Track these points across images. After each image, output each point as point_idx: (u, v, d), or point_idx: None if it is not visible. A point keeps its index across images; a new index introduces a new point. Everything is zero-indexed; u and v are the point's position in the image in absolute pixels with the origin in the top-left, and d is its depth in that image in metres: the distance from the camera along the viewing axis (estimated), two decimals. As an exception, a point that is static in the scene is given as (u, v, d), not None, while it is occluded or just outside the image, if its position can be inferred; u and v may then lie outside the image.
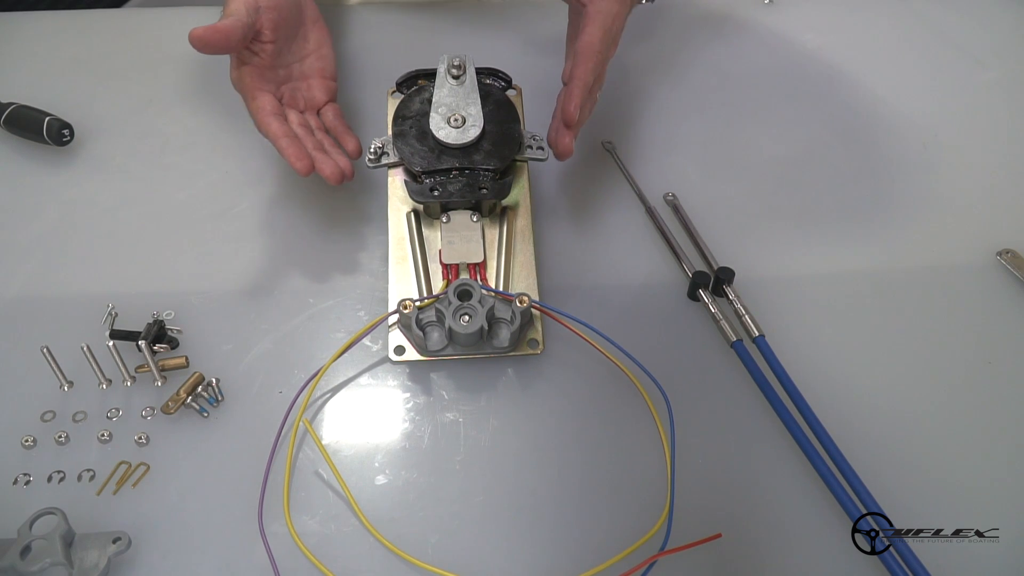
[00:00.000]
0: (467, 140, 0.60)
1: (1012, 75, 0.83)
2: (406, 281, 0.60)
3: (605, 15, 0.62)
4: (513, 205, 0.63)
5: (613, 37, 0.64)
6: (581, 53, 0.61)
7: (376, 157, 0.62)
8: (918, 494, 0.54)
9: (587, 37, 0.62)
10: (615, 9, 0.63)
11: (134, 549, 0.50)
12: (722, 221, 0.69)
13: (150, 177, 0.72)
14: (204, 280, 0.64)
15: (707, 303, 0.62)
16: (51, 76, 0.79)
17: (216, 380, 0.58)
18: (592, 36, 0.62)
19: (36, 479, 0.54)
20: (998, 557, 0.52)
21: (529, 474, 0.55)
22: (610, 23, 0.63)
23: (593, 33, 0.62)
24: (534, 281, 0.61)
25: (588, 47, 0.61)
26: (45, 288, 0.64)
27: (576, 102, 0.60)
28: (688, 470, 0.55)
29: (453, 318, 0.56)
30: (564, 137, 0.61)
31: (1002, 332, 0.63)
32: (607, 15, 0.62)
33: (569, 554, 0.52)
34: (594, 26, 0.62)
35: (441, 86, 0.61)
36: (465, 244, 0.60)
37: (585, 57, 0.61)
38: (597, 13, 0.62)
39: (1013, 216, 0.70)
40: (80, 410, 0.57)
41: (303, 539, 0.51)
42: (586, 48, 0.61)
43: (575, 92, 0.60)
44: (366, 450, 0.56)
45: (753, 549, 0.52)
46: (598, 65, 0.62)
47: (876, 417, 0.58)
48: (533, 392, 0.59)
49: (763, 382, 0.58)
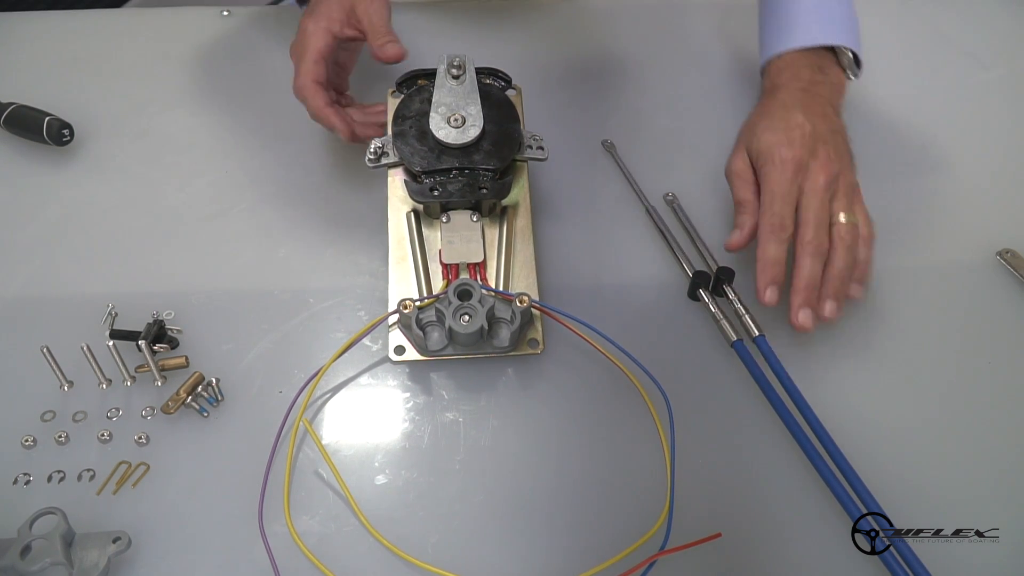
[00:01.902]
0: (467, 140, 0.60)
1: (1012, 75, 0.83)
2: (406, 281, 0.60)
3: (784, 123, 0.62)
4: (513, 205, 0.63)
5: (801, 146, 0.61)
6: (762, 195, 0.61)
7: (376, 157, 0.62)
8: (918, 494, 0.54)
9: (763, 180, 0.61)
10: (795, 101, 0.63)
11: (134, 549, 0.50)
12: (722, 221, 0.69)
13: (150, 177, 0.72)
14: (204, 280, 0.64)
15: (707, 303, 0.62)
16: (51, 76, 0.79)
17: (216, 380, 0.58)
18: (767, 178, 0.60)
19: (36, 479, 0.54)
20: (998, 557, 0.52)
21: (529, 474, 0.55)
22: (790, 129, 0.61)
23: (770, 175, 0.60)
24: (534, 281, 0.61)
25: (765, 192, 0.60)
26: (45, 288, 0.64)
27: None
28: (688, 470, 0.55)
29: (453, 318, 0.56)
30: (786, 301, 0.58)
31: (1002, 332, 0.63)
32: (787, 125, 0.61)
33: (569, 554, 0.52)
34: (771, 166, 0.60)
35: (441, 86, 0.61)
36: (465, 244, 0.60)
37: (765, 199, 0.60)
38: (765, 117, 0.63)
39: (1013, 216, 0.70)
40: (80, 410, 0.57)
41: (303, 539, 0.51)
42: (764, 193, 0.60)
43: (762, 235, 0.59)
44: (366, 450, 0.56)
45: (753, 549, 0.52)
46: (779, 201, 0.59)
47: (876, 417, 0.58)
48: (533, 392, 0.59)
49: (763, 382, 0.58)
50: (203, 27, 0.84)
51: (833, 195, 0.60)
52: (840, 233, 0.59)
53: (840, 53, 0.69)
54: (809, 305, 0.57)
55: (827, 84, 0.67)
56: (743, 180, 0.63)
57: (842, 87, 0.68)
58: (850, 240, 0.59)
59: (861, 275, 0.60)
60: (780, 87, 0.67)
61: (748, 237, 0.61)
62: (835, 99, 0.67)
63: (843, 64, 0.69)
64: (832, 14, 0.69)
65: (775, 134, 0.62)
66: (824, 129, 0.62)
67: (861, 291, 0.60)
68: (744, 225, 0.61)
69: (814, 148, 0.61)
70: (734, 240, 0.61)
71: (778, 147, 0.61)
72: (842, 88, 0.68)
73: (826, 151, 0.61)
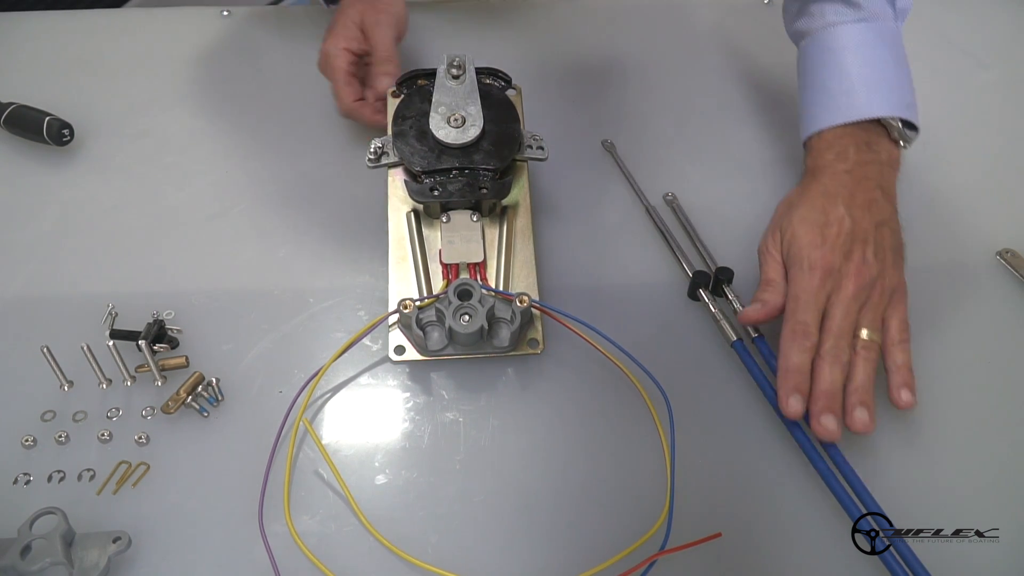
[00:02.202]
0: (467, 140, 0.60)
1: (1012, 75, 0.83)
2: (406, 281, 0.60)
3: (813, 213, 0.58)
4: (513, 205, 0.63)
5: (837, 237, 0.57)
6: (787, 296, 0.57)
7: (376, 157, 0.62)
8: (918, 494, 0.54)
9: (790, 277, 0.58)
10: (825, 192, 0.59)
11: (134, 549, 0.50)
12: (722, 221, 0.69)
13: (150, 177, 0.72)
14: (204, 280, 0.64)
15: (707, 302, 0.62)
16: (51, 76, 0.79)
17: (216, 380, 0.58)
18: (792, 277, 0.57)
19: (36, 479, 0.54)
20: (998, 557, 0.52)
21: (529, 474, 0.55)
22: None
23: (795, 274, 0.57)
24: (534, 281, 0.61)
25: (789, 292, 0.57)
26: (45, 288, 0.64)
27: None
28: (688, 470, 0.55)
29: (453, 318, 0.56)
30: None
31: (1002, 332, 0.63)
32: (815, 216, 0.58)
33: (569, 554, 0.52)
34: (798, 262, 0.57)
35: (441, 86, 0.61)
36: (465, 244, 0.60)
37: (790, 301, 0.57)
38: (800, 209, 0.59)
39: (1013, 216, 0.71)
40: (80, 410, 0.57)
41: (303, 539, 0.51)
42: (789, 289, 0.57)
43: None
44: (366, 450, 0.56)
45: (753, 549, 0.52)
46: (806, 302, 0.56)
47: (876, 416, 0.58)
48: (533, 392, 0.59)
49: (763, 382, 0.58)
50: (203, 27, 0.84)
51: (864, 303, 0.56)
52: (859, 347, 0.55)
53: (889, 126, 0.63)
54: (831, 412, 0.53)
55: (876, 163, 0.62)
56: (773, 261, 0.60)
57: (895, 163, 0.64)
58: (868, 355, 0.55)
59: (903, 380, 0.55)
60: (823, 169, 0.62)
61: (768, 315, 0.58)
62: (886, 179, 0.62)
63: (893, 136, 0.64)
64: (878, 79, 0.64)
65: (809, 230, 0.58)
66: (867, 224, 0.58)
67: (910, 397, 0.55)
68: (767, 302, 0.58)
69: (849, 249, 0.57)
70: (751, 314, 0.58)
71: (809, 248, 0.57)
72: (895, 163, 0.64)
73: (862, 252, 0.57)
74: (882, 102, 0.63)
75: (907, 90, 0.65)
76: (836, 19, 0.65)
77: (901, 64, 0.65)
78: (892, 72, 0.65)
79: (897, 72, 0.65)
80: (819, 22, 0.66)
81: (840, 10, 0.65)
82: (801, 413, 0.54)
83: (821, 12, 0.66)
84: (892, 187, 0.62)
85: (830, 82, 0.64)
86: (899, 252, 0.59)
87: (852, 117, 0.63)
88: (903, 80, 0.65)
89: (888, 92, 0.63)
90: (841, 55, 0.65)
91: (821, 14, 0.66)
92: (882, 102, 0.63)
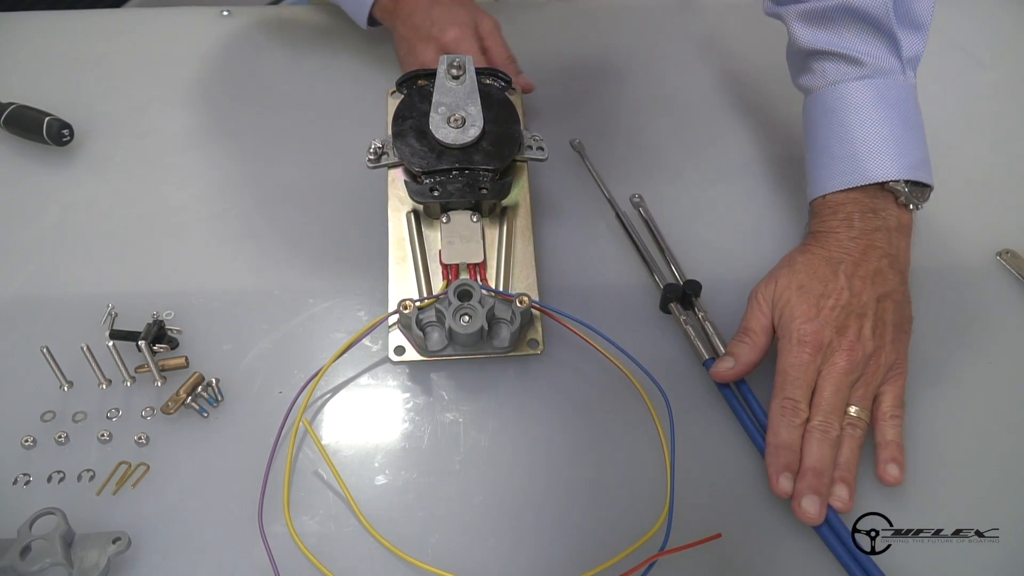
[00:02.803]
0: (467, 140, 0.59)
1: (1012, 75, 0.83)
2: (406, 281, 0.60)
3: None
4: (513, 205, 0.63)
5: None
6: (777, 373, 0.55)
7: (376, 157, 0.62)
8: (918, 494, 0.54)
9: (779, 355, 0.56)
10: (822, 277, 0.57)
11: (134, 549, 0.50)
12: (723, 220, 0.69)
13: (150, 177, 0.72)
14: (204, 280, 0.64)
15: (678, 318, 0.61)
16: (51, 76, 0.79)
17: (216, 380, 0.58)
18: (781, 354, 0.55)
19: (36, 479, 0.54)
20: (998, 557, 0.52)
21: (529, 474, 0.55)
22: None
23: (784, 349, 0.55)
24: (534, 281, 0.61)
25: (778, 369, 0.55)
26: (45, 288, 0.64)
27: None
28: (688, 470, 0.55)
29: (453, 318, 0.56)
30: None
31: (1002, 332, 0.63)
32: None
33: (569, 554, 0.52)
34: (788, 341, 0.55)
35: (441, 86, 0.61)
36: (465, 244, 0.60)
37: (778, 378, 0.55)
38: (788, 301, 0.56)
39: (1013, 216, 0.71)
40: (80, 410, 0.57)
41: (303, 539, 0.51)
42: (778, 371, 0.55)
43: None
44: (366, 450, 0.56)
45: (753, 549, 0.52)
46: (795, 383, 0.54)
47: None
48: (533, 392, 0.59)
49: (735, 403, 0.57)
50: (203, 27, 0.84)
51: (856, 379, 0.54)
52: (845, 423, 0.54)
53: (896, 191, 0.60)
54: (816, 492, 0.51)
55: (884, 230, 0.59)
56: (760, 312, 0.58)
57: (905, 227, 0.60)
58: (854, 433, 0.54)
59: (891, 456, 0.54)
60: (829, 234, 0.60)
61: (738, 374, 0.56)
62: (895, 247, 0.59)
63: (901, 201, 0.60)
64: (883, 141, 0.60)
65: (804, 300, 0.56)
66: (867, 297, 0.56)
67: (898, 473, 0.53)
68: (739, 358, 0.56)
69: (844, 324, 0.55)
70: (721, 371, 0.57)
71: (802, 321, 0.55)
72: (906, 228, 0.60)
73: (858, 327, 0.55)
74: (886, 166, 0.60)
75: (916, 149, 0.61)
76: (838, 77, 0.62)
77: (910, 121, 0.62)
78: (899, 132, 0.61)
79: (905, 131, 0.61)
80: (820, 80, 0.63)
81: (842, 68, 0.62)
82: (791, 492, 0.52)
83: (823, 70, 0.63)
84: (903, 255, 0.60)
85: (832, 144, 0.62)
86: (901, 327, 0.57)
87: (855, 182, 0.60)
88: (911, 139, 0.61)
89: (894, 155, 0.60)
90: (843, 115, 0.61)
91: (823, 72, 0.63)
92: (886, 166, 0.60)
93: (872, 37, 0.61)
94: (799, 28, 0.64)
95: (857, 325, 0.55)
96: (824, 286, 0.57)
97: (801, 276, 0.58)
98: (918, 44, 0.62)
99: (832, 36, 0.62)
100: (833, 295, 0.56)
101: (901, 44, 0.61)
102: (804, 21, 0.64)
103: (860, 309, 0.56)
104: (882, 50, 0.61)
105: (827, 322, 0.55)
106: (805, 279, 0.57)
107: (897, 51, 0.61)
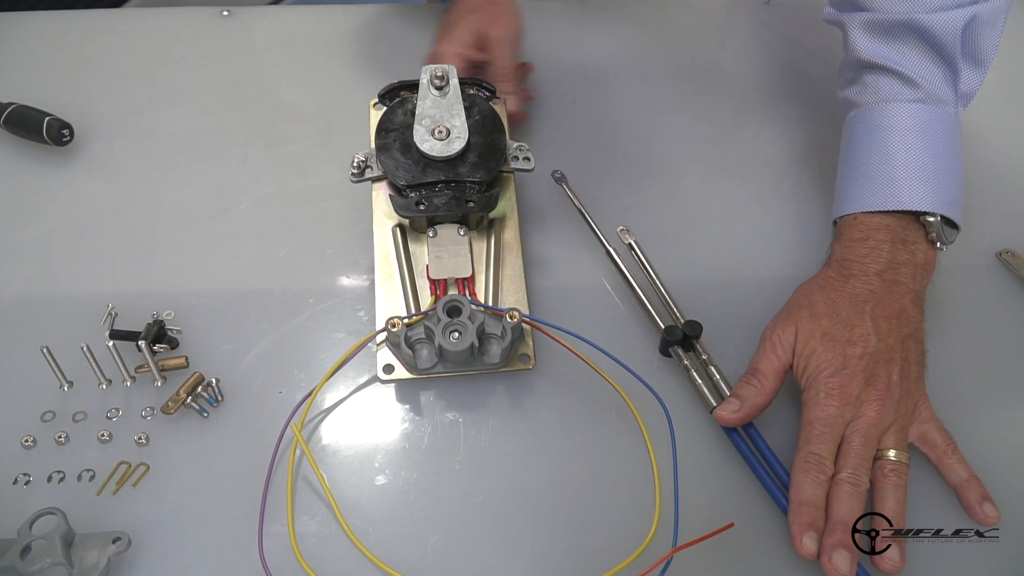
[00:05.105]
0: (452, 152, 0.58)
1: (1012, 75, 0.83)
2: (394, 298, 0.59)
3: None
4: (500, 217, 0.62)
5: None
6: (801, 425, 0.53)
7: (359, 171, 0.60)
8: (918, 494, 0.54)
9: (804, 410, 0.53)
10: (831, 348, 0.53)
11: (134, 549, 0.50)
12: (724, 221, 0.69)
13: (150, 177, 0.72)
14: (204, 280, 0.64)
15: (681, 364, 0.58)
16: (51, 76, 0.79)
17: (216, 380, 0.58)
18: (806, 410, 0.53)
19: (36, 479, 0.54)
20: (998, 557, 0.52)
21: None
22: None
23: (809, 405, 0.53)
24: (523, 295, 0.59)
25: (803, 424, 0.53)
26: (45, 288, 0.64)
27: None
28: (689, 473, 0.55)
29: (443, 335, 0.54)
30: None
31: (1002, 332, 0.63)
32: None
33: (569, 557, 0.52)
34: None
35: (424, 97, 0.60)
36: (453, 258, 0.58)
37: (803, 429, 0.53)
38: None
39: (1013, 216, 0.71)
40: (80, 410, 0.57)
41: (303, 540, 0.51)
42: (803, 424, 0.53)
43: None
44: (361, 456, 0.56)
45: (755, 549, 0.52)
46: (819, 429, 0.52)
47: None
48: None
49: (747, 452, 0.55)
50: (203, 27, 0.84)
51: (887, 427, 0.52)
52: (884, 470, 0.51)
53: (928, 225, 0.58)
54: (845, 547, 0.48)
55: (911, 265, 0.57)
56: (774, 354, 0.55)
57: (930, 265, 0.58)
58: (899, 481, 0.51)
59: (982, 493, 0.52)
60: (852, 265, 0.57)
61: (743, 419, 0.54)
62: (918, 284, 0.57)
63: (931, 236, 0.58)
64: (925, 169, 0.58)
65: (830, 349, 0.53)
66: (893, 340, 0.54)
67: (995, 511, 0.51)
68: (745, 401, 0.54)
69: (872, 372, 0.53)
70: (726, 415, 0.54)
71: (828, 375, 0.53)
72: (930, 266, 0.58)
73: (887, 374, 0.53)
74: (925, 196, 0.57)
75: (954, 186, 0.59)
76: (890, 95, 0.60)
77: (952, 157, 0.59)
78: (941, 165, 0.58)
79: (947, 165, 0.59)
80: (871, 95, 0.61)
81: (896, 86, 0.60)
82: (816, 553, 0.49)
83: (876, 85, 0.61)
84: (923, 292, 0.58)
85: (872, 163, 0.59)
86: (922, 363, 0.56)
87: (890, 206, 0.57)
88: (951, 175, 0.59)
89: (933, 187, 0.57)
90: (888, 136, 0.59)
91: (875, 87, 0.61)
92: (925, 196, 0.57)
93: (933, 62, 0.60)
94: (860, 37, 0.62)
95: (886, 372, 0.53)
96: (850, 332, 0.54)
97: (825, 322, 0.55)
98: (975, 81, 0.61)
99: (893, 52, 0.60)
100: (860, 343, 0.54)
101: (960, 76, 0.60)
102: (867, 31, 0.62)
103: (887, 355, 0.54)
104: (940, 77, 0.60)
105: (855, 373, 0.53)
106: (829, 325, 0.55)
107: (955, 82, 0.60)
